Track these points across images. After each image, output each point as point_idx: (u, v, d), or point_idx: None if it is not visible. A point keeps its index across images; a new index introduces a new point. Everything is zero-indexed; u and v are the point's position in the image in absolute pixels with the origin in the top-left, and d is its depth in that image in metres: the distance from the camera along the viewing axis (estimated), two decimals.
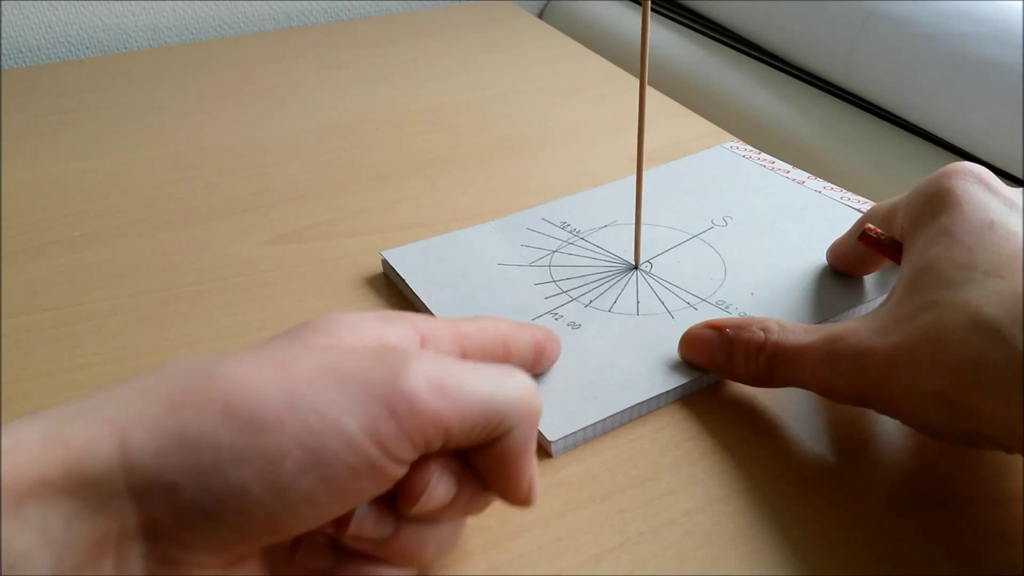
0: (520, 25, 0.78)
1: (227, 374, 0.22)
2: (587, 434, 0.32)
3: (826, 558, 0.27)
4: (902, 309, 0.28)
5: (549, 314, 0.37)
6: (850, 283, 0.39)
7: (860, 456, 0.31)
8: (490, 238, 0.43)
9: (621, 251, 0.42)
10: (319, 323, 0.25)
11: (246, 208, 0.48)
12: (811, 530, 0.28)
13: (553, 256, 0.41)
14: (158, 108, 0.61)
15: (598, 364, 0.34)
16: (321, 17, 0.85)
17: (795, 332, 0.31)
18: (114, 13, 0.77)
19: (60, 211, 0.48)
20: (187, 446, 0.20)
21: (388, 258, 0.41)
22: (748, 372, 0.32)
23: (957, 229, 0.29)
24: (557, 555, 0.28)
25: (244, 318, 0.39)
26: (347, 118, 0.59)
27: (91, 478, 0.20)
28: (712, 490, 0.30)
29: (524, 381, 0.25)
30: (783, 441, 0.32)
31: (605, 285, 0.39)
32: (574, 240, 0.42)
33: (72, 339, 0.38)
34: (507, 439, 0.24)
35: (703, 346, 0.33)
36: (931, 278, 0.28)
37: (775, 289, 0.39)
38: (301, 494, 0.21)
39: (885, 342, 0.28)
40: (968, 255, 0.28)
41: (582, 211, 0.45)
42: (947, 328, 0.26)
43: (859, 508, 0.29)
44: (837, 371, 0.29)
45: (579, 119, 0.59)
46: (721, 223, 0.44)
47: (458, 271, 0.40)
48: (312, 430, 0.21)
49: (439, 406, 0.22)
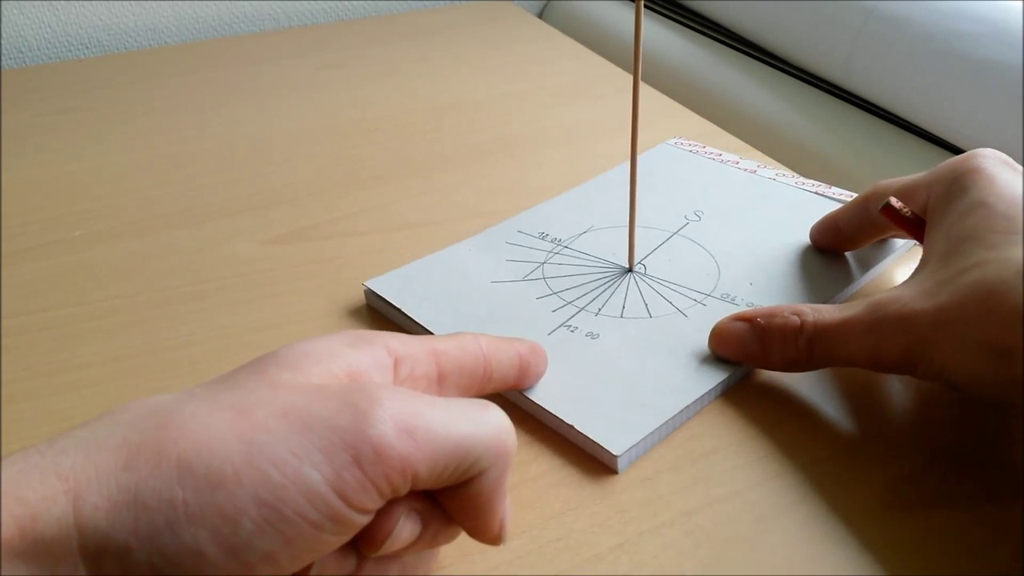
0: (520, 25, 0.78)
1: (183, 423, 0.21)
2: (647, 444, 0.31)
3: (826, 558, 0.27)
4: (943, 273, 0.29)
5: (563, 327, 0.36)
6: (834, 262, 0.40)
7: (860, 456, 0.31)
8: (472, 256, 0.41)
9: (609, 255, 0.41)
10: (285, 356, 0.24)
11: (246, 208, 0.48)
12: (811, 530, 0.28)
13: (544, 268, 0.41)
14: (158, 108, 0.61)
15: (629, 371, 0.34)
16: (321, 17, 0.85)
17: (829, 311, 0.32)
18: (114, 13, 0.76)
19: (60, 211, 0.48)
20: (140, 505, 0.19)
21: (374, 288, 0.39)
22: (786, 357, 0.32)
23: (993, 200, 0.30)
24: (557, 555, 0.28)
25: (244, 318, 0.39)
26: (347, 118, 0.59)
27: (45, 540, 0.19)
28: (712, 490, 0.30)
29: (499, 419, 0.24)
30: (782, 441, 0.32)
31: (607, 291, 0.39)
32: (558, 250, 0.42)
33: (72, 339, 0.38)
34: (479, 480, 0.23)
35: (735, 339, 0.34)
36: (972, 244, 0.29)
37: (770, 276, 0.39)
38: (259, 554, 0.20)
39: (931, 303, 0.28)
40: (1007, 222, 0.29)
41: (555, 219, 0.44)
42: (995, 281, 0.27)
43: (859, 508, 0.29)
44: (883, 336, 0.29)
45: (579, 119, 0.59)
46: (695, 218, 0.44)
47: (453, 294, 0.39)
48: (271, 483, 0.20)
49: (407, 451, 0.21)
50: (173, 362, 0.37)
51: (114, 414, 0.22)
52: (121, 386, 0.35)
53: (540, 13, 0.94)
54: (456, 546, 0.28)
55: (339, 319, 0.39)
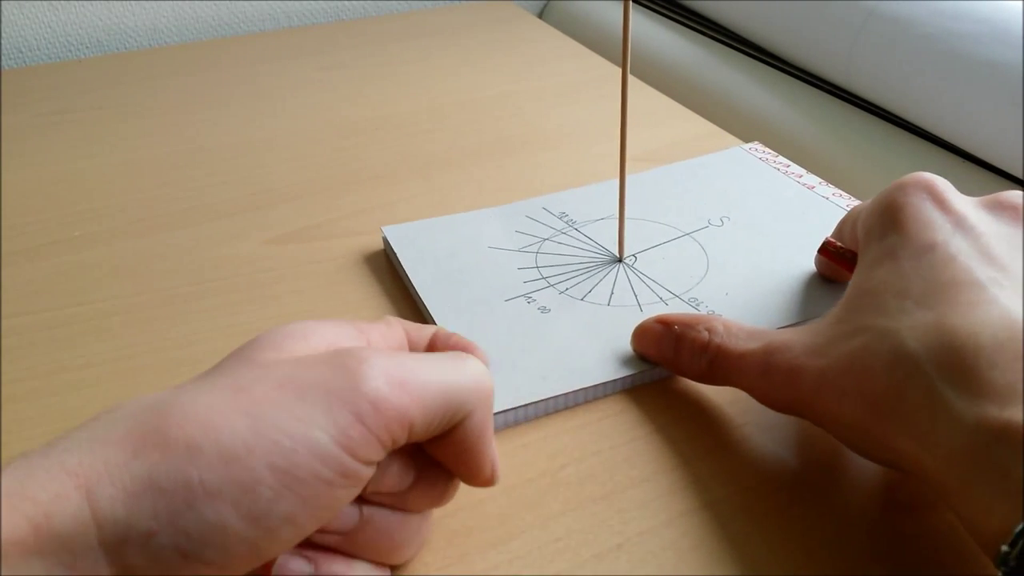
0: (520, 25, 0.78)
1: (183, 409, 0.21)
2: (528, 412, 0.33)
3: (824, 558, 0.27)
4: (837, 329, 0.28)
5: (523, 297, 0.38)
6: (830, 288, 0.39)
7: (859, 456, 0.31)
8: (488, 223, 0.44)
9: (610, 243, 0.42)
10: (266, 339, 0.25)
11: (246, 208, 0.48)
12: (810, 530, 0.28)
13: (543, 244, 0.42)
14: (158, 108, 0.61)
15: (557, 348, 0.35)
16: (321, 17, 0.85)
17: (738, 336, 0.31)
18: (114, 13, 0.76)
19: (60, 211, 0.48)
20: (157, 490, 0.20)
21: (387, 234, 0.43)
22: (692, 369, 0.32)
23: (900, 252, 0.29)
24: (557, 555, 0.28)
25: (244, 318, 0.39)
26: (347, 118, 0.59)
27: (61, 536, 0.19)
28: (711, 490, 0.30)
29: (476, 365, 0.25)
30: (782, 441, 0.32)
31: (586, 275, 0.40)
32: (567, 230, 0.43)
33: (72, 339, 0.38)
34: (466, 424, 0.24)
35: (652, 340, 0.34)
36: (868, 302, 0.28)
37: (752, 291, 0.39)
38: (280, 518, 0.21)
39: (815, 363, 0.28)
40: (904, 282, 0.27)
41: (583, 203, 0.46)
42: (871, 357, 0.26)
43: (858, 508, 0.29)
44: (771, 384, 0.29)
45: (579, 119, 0.59)
46: (717, 223, 0.44)
47: (449, 251, 0.41)
48: (283, 449, 0.21)
49: (402, 402, 0.22)
50: (174, 362, 0.37)
51: (110, 412, 0.22)
52: (121, 386, 0.35)
53: (540, 13, 0.94)
54: (456, 546, 0.28)
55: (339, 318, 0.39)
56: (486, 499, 0.29)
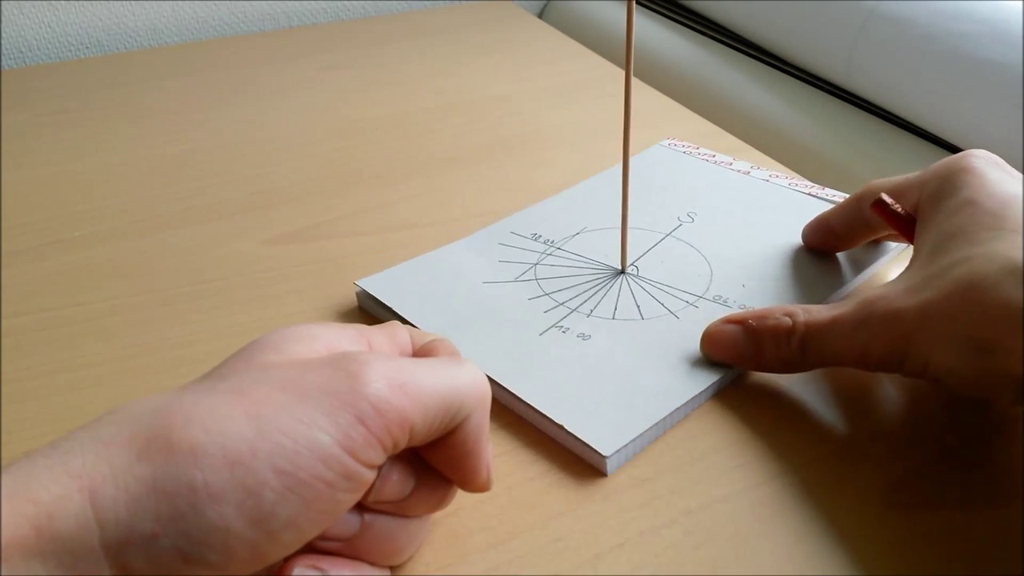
0: (520, 25, 0.78)
1: (187, 412, 0.21)
2: (638, 446, 0.31)
3: (826, 558, 0.27)
4: (930, 269, 0.29)
5: (555, 328, 0.36)
6: (827, 264, 0.40)
7: (860, 456, 0.31)
8: (464, 257, 0.41)
9: (602, 257, 0.41)
10: (267, 341, 0.25)
11: (246, 208, 0.48)
12: (811, 530, 0.28)
13: (536, 269, 0.40)
14: (158, 108, 0.61)
15: (620, 373, 0.34)
16: (321, 17, 0.85)
17: (819, 311, 0.32)
18: (114, 13, 0.77)
19: (60, 211, 0.48)
20: (160, 492, 0.20)
21: (366, 287, 0.39)
22: (780, 358, 0.32)
23: (982, 198, 0.30)
24: (557, 555, 0.28)
25: (244, 318, 0.39)
26: (347, 118, 0.59)
27: (63, 537, 0.19)
28: (712, 490, 0.30)
29: (473, 369, 0.25)
30: (782, 441, 0.32)
31: (599, 293, 0.39)
32: (551, 251, 0.42)
33: (72, 339, 0.38)
34: (463, 428, 0.25)
35: (727, 341, 0.34)
36: (960, 241, 0.29)
37: (763, 278, 0.39)
38: (283, 521, 0.21)
39: (916, 299, 0.29)
40: (994, 219, 0.29)
41: (548, 221, 0.44)
42: (980, 276, 0.27)
43: (859, 508, 0.29)
44: (871, 334, 0.30)
45: (579, 119, 0.59)
46: (688, 219, 0.44)
47: (445, 293, 0.39)
48: (287, 452, 0.21)
49: (402, 405, 0.22)
50: (174, 362, 0.37)
51: (113, 414, 0.22)
52: (122, 386, 0.35)
53: (540, 13, 0.94)
54: (456, 546, 0.28)
55: (339, 319, 0.39)
56: (486, 499, 0.29)
